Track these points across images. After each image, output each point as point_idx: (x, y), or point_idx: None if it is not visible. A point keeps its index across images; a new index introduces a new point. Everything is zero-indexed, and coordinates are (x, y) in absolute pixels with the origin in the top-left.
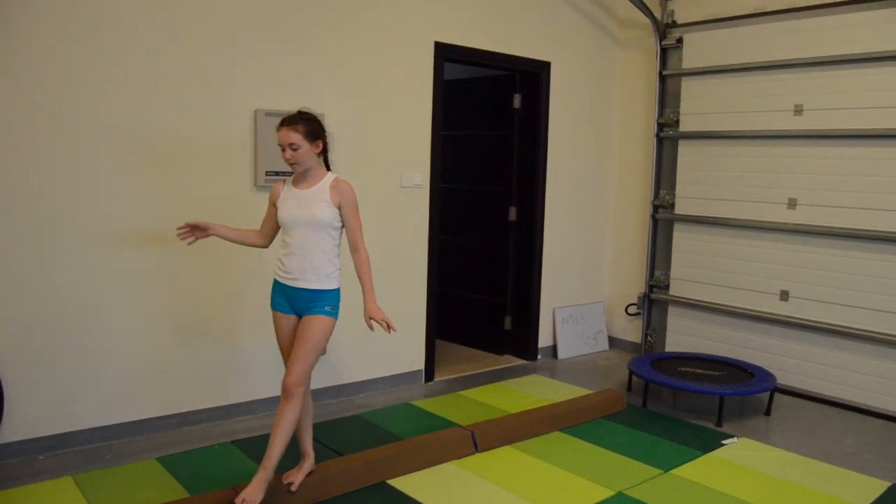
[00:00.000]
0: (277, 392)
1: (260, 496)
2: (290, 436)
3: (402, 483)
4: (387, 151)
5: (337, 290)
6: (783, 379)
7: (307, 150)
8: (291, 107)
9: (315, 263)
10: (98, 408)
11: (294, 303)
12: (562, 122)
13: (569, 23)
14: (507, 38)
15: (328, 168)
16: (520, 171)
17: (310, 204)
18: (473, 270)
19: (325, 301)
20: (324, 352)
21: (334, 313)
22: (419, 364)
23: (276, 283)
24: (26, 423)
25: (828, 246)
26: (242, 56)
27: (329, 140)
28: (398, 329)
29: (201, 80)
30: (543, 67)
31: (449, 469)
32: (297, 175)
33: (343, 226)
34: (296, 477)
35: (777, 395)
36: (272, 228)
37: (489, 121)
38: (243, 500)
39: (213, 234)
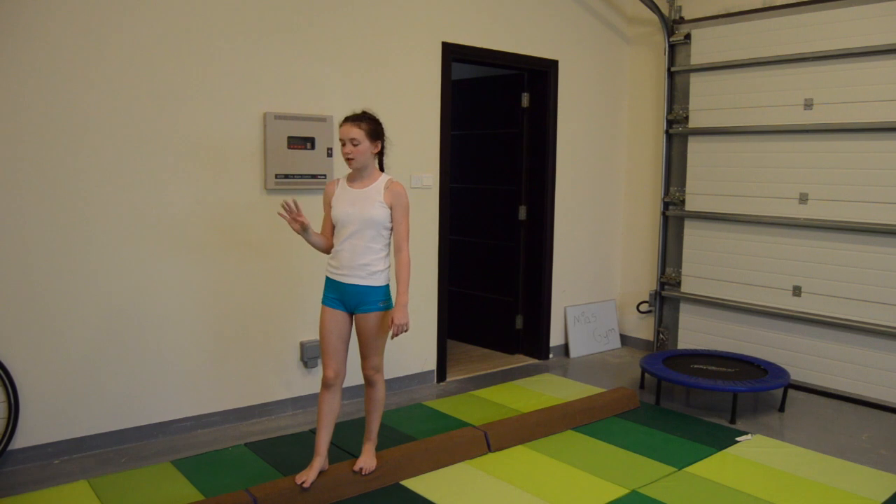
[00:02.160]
0: (292, 394)
1: (373, 462)
2: (381, 411)
3: (415, 484)
4: (396, 152)
5: (386, 287)
6: (797, 375)
7: (366, 148)
8: (300, 109)
9: (365, 261)
10: (112, 411)
11: (346, 299)
12: (570, 120)
13: (576, 21)
14: (514, 37)
15: (382, 170)
16: (529, 170)
17: (364, 203)
18: (484, 270)
19: (378, 298)
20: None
21: (387, 307)
22: (431, 364)
23: (328, 280)
24: (41, 428)
25: (840, 240)
26: (251, 59)
27: (387, 144)
28: (410, 329)
29: (210, 83)
30: (551, 66)
31: (462, 469)
32: (352, 174)
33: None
34: (307, 476)
35: (791, 392)
36: (332, 229)
37: (498, 120)
38: (361, 469)
39: (306, 232)
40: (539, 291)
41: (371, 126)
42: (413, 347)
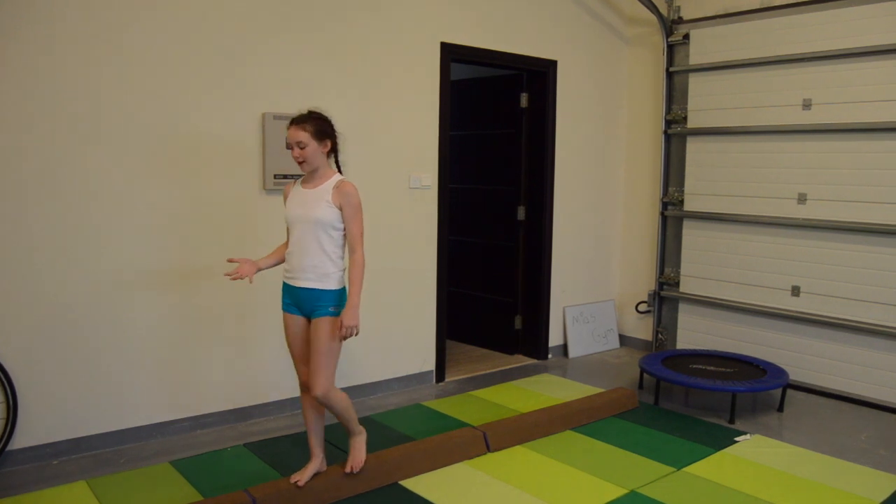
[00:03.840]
0: (290, 394)
1: (361, 455)
2: (350, 412)
3: (414, 484)
4: (394, 152)
5: (339, 291)
6: (796, 375)
7: (315, 149)
8: (299, 110)
9: (313, 262)
10: (111, 412)
11: (300, 303)
12: (569, 120)
13: (575, 21)
14: (513, 37)
15: (340, 170)
16: (528, 171)
17: (312, 203)
18: (483, 270)
19: (328, 302)
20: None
21: (337, 313)
22: (430, 365)
23: (283, 284)
24: (40, 428)
25: (839, 241)
26: (250, 59)
27: (340, 141)
28: (409, 330)
29: (209, 83)
30: (550, 66)
31: (461, 469)
32: (307, 175)
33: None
34: (302, 476)
35: (790, 392)
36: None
37: (497, 120)
38: (351, 468)
39: (262, 268)
40: (538, 292)
41: (316, 126)
42: (412, 348)
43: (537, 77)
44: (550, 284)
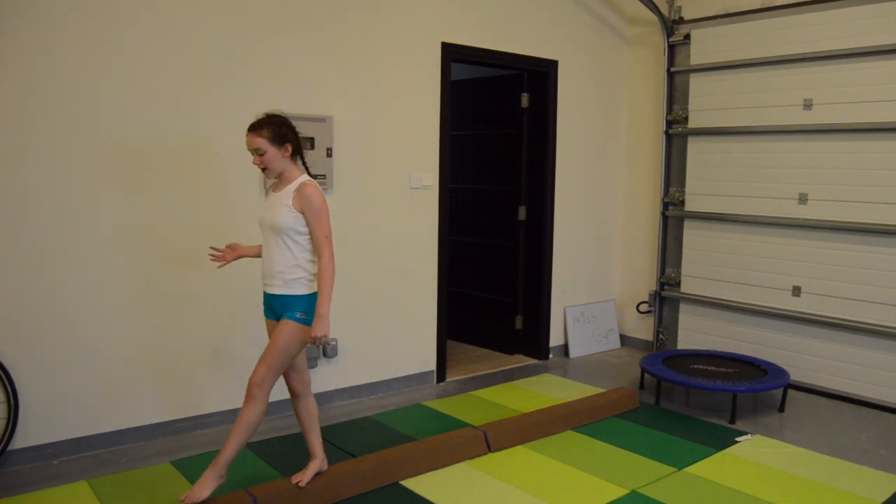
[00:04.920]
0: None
1: (206, 492)
2: (246, 437)
3: (414, 484)
4: (395, 153)
5: (309, 296)
6: (796, 375)
7: (273, 155)
8: (300, 110)
9: (279, 269)
10: (112, 412)
11: (273, 309)
12: (570, 120)
13: (576, 21)
14: (514, 37)
15: (308, 170)
16: (529, 171)
17: (275, 208)
18: (484, 270)
19: (296, 307)
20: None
21: (304, 320)
22: (431, 365)
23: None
24: (41, 428)
25: (840, 241)
26: (250, 59)
27: (302, 141)
28: (410, 330)
29: (208, 83)
30: (551, 66)
31: (462, 469)
32: (278, 180)
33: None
34: (303, 476)
35: (791, 392)
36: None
37: (497, 120)
38: (187, 496)
39: (242, 256)
40: (539, 292)
41: (273, 131)
42: (413, 348)
43: (538, 77)
44: (551, 284)
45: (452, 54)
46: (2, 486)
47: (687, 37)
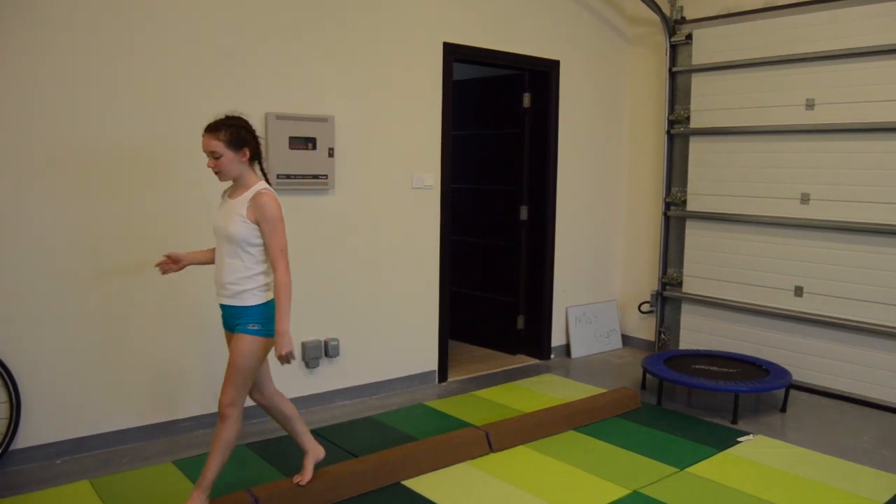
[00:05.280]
0: (294, 394)
1: None
2: (227, 455)
3: (416, 484)
4: (397, 153)
5: (261, 307)
6: (799, 375)
7: (230, 159)
8: (302, 110)
9: (230, 279)
10: (114, 412)
11: (226, 319)
12: (572, 120)
13: (577, 21)
14: (515, 37)
15: (266, 177)
16: (530, 170)
17: (227, 217)
18: (485, 270)
19: (248, 319)
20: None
21: (259, 332)
22: (432, 364)
23: None
24: (43, 428)
25: (842, 241)
26: (252, 59)
27: (261, 146)
28: (411, 330)
29: (211, 83)
30: (552, 66)
31: (463, 469)
32: (233, 185)
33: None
34: (303, 475)
35: (793, 392)
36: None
37: (499, 120)
38: None
39: (187, 265)
40: (540, 292)
41: (231, 134)
42: (414, 348)
43: (540, 77)
44: (553, 284)
45: (454, 54)
46: (4, 485)
47: (689, 36)
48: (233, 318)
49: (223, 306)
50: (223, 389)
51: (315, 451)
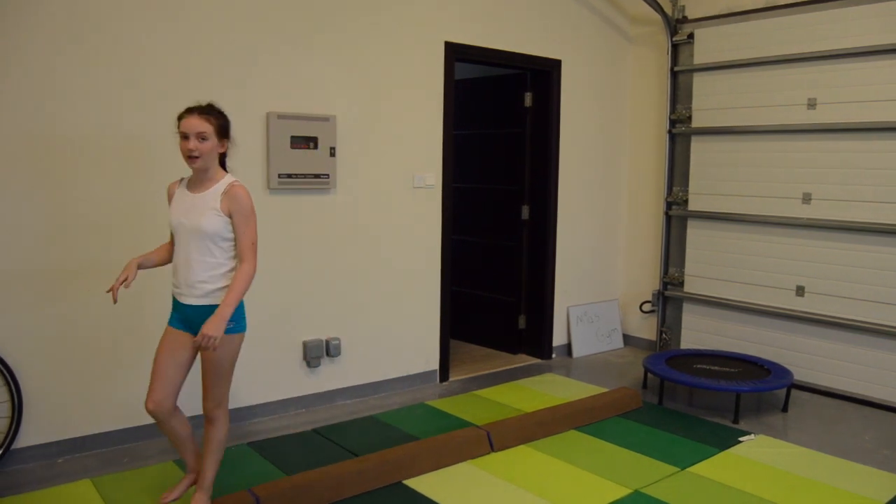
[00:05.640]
0: (295, 393)
1: None
2: (221, 455)
3: (417, 483)
4: (398, 152)
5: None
6: (800, 375)
7: (213, 146)
8: (303, 109)
9: (200, 277)
10: (115, 411)
11: (189, 322)
12: (573, 119)
13: (579, 20)
14: (517, 36)
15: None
16: (532, 170)
17: (197, 211)
18: (487, 270)
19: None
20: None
21: (235, 328)
22: (434, 364)
23: (172, 299)
24: (44, 427)
25: (843, 240)
26: (254, 58)
27: (231, 146)
28: (413, 329)
29: (213, 82)
30: (554, 65)
31: (465, 469)
32: (194, 176)
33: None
34: (172, 492)
35: (794, 392)
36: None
37: (501, 120)
38: None
39: (142, 268)
40: (542, 291)
41: (221, 122)
42: (416, 347)
43: (541, 76)
44: (554, 284)
45: (456, 54)
46: (6, 484)
47: (690, 36)
48: (202, 318)
49: (189, 307)
50: (206, 395)
51: (197, 476)
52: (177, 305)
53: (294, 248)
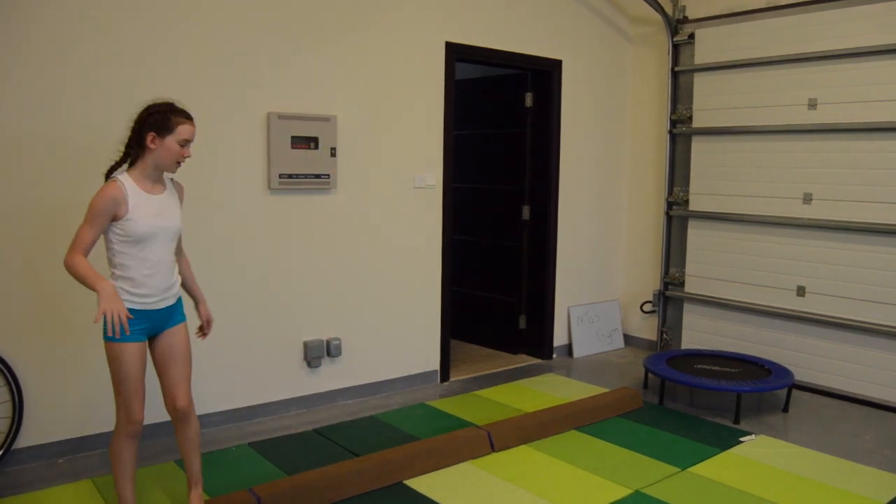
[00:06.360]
0: (296, 393)
1: None
2: (199, 448)
3: (418, 483)
4: (399, 152)
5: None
6: (801, 375)
7: None
8: (304, 109)
9: (175, 277)
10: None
11: (155, 324)
12: (574, 119)
13: (580, 21)
14: (518, 37)
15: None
16: (533, 170)
17: (168, 212)
18: (487, 270)
19: (180, 307)
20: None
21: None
22: (434, 364)
23: (134, 311)
24: (45, 427)
25: (844, 241)
26: (255, 58)
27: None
28: (413, 329)
29: (214, 82)
30: (555, 66)
31: (465, 469)
32: (141, 176)
33: None
34: None
35: (795, 392)
36: (93, 245)
37: (501, 120)
38: None
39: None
40: (542, 291)
41: None
42: (416, 347)
43: (542, 76)
44: (555, 284)
45: (456, 54)
46: (7, 484)
47: (691, 36)
48: (169, 315)
49: (161, 310)
50: (181, 389)
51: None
52: (147, 315)
53: (294, 248)
